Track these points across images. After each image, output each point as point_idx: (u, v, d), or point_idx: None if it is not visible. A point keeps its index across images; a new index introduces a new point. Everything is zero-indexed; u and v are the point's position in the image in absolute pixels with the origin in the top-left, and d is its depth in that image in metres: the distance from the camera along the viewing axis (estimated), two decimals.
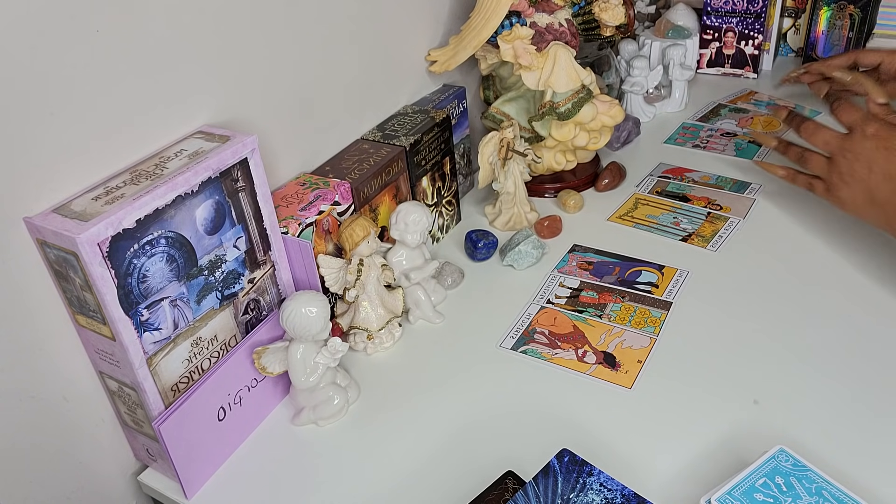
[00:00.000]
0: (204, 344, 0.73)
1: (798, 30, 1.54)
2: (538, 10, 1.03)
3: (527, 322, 0.90)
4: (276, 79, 0.85)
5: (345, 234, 0.83)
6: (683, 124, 1.34)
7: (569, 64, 1.02)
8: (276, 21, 0.83)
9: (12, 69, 0.58)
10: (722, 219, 1.06)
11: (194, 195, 0.68)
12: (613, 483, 0.61)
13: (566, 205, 1.10)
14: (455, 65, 1.07)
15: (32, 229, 0.62)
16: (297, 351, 0.75)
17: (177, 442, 0.69)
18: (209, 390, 0.72)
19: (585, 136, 1.08)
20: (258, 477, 0.74)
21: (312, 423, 0.79)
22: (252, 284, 0.78)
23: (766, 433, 0.72)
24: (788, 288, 0.91)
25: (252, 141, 0.72)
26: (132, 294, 0.64)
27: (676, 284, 0.94)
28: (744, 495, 0.60)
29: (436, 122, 1.00)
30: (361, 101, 0.99)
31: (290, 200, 0.84)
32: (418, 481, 0.72)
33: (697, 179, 1.16)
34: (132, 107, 0.69)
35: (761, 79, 1.49)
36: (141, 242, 0.64)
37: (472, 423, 0.77)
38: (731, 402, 0.76)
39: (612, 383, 0.80)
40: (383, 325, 0.87)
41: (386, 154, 0.93)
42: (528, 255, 0.98)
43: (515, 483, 0.68)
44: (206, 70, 0.76)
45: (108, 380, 0.70)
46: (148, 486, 0.75)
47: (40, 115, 0.61)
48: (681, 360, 0.82)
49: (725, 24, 1.46)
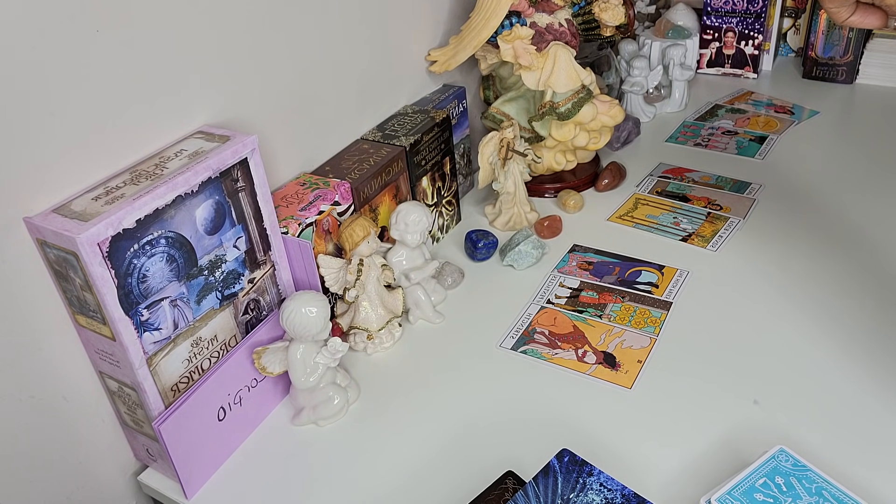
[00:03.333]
0: (204, 344, 0.73)
1: (798, 30, 1.54)
2: (538, 10, 1.03)
3: (527, 322, 0.90)
4: (276, 79, 0.85)
5: (345, 234, 0.83)
6: (684, 123, 1.34)
7: (569, 64, 1.02)
8: (276, 21, 0.83)
9: (12, 69, 0.58)
10: (722, 219, 1.06)
11: (194, 195, 0.68)
12: (613, 483, 0.61)
13: (566, 205, 1.10)
14: (455, 65, 1.07)
15: (32, 229, 0.62)
16: (297, 351, 0.75)
17: (177, 442, 0.69)
18: (209, 390, 0.72)
19: (585, 136, 1.08)
20: (258, 477, 0.74)
21: (312, 423, 0.79)
22: (252, 284, 0.78)
23: (766, 433, 0.72)
24: (788, 288, 0.91)
25: (252, 141, 0.72)
26: (132, 294, 0.64)
27: (676, 284, 0.94)
28: (744, 495, 0.60)
29: (436, 122, 1.00)
30: (361, 101, 0.99)
31: (290, 200, 0.84)
32: (418, 481, 0.72)
33: (697, 179, 1.16)
34: (132, 107, 0.69)
35: (761, 79, 1.49)
36: (141, 242, 0.64)
37: (472, 423, 0.77)
38: (731, 402, 0.76)
39: (612, 383, 0.80)
40: (383, 325, 0.87)
41: (386, 154, 0.93)
42: (528, 255, 0.98)
43: (515, 483, 0.68)
44: (206, 70, 0.76)
45: (108, 380, 0.70)
46: (148, 486, 0.75)
47: (40, 115, 0.61)
48: (681, 361, 0.82)
49: (725, 24, 1.47)
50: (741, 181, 1.14)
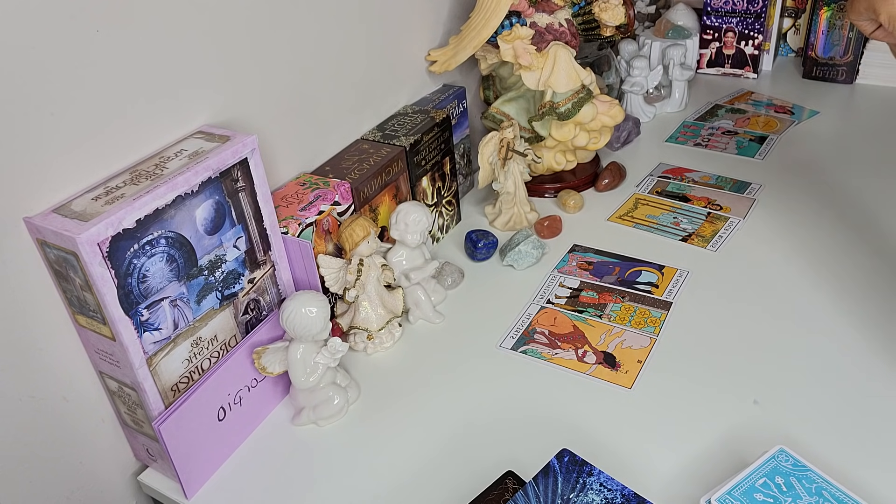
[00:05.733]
0: (204, 344, 0.73)
1: (798, 30, 1.54)
2: (538, 10, 1.03)
3: (527, 322, 0.90)
4: (276, 79, 0.85)
5: (345, 234, 0.83)
6: (684, 123, 1.34)
7: (569, 64, 1.02)
8: (275, 21, 0.83)
9: (12, 69, 0.58)
10: (722, 219, 1.06)
11: (194, 195, 0.68)
12: (613, 483, 0.61)
13: (566, 205, 1.10)
14: (455, 65, 1.07)
15: (32, 229, 0.62)
16: (297, 351, 0.75)
17: (177, 442, 0.69)
18: (209, 390, 0.72)
19: (585, 136, 1.08)
20: (258, 477, 0.74)
21: (312, 423, 0.79)
22: (252, 284, 0.78)
23: (766, 433, 0.72)
24: (788, 288, 0.91)
25: (252, 141, 0.72)
26: (132, 294, 0.64)
27: (676, 284, 0.94)
28: (744, 495, 0.60)
29: (436, 122, 1.00)
30: (361, 101, 0.99)
31: (290, 200, 0.84)
32: (418, 481, 0.72)
33: (697, 179, 1.16)
34: (132, 107, 0.69)
35: (761, 79, 1.49)
36: (141, 242, 0.64)
37: (472, 423, 0.77)
38: (732, 402, 0.76)
39: (612, 383, 0.80)
40: (383, 325, 0.87)
41: (386, 154, 0.93)
42: (528, 255, 0.98)
43: (515, 483, 0.68)
44: (207, 70, 0.76)
45: (108, 380, 0.70)
46: (148, 486, 0.75)
47: (40, 115, 0.61)
48: (681, 361, 0.82)
49: (725, 24, 1.46)
50: (741, 181, 1.14)
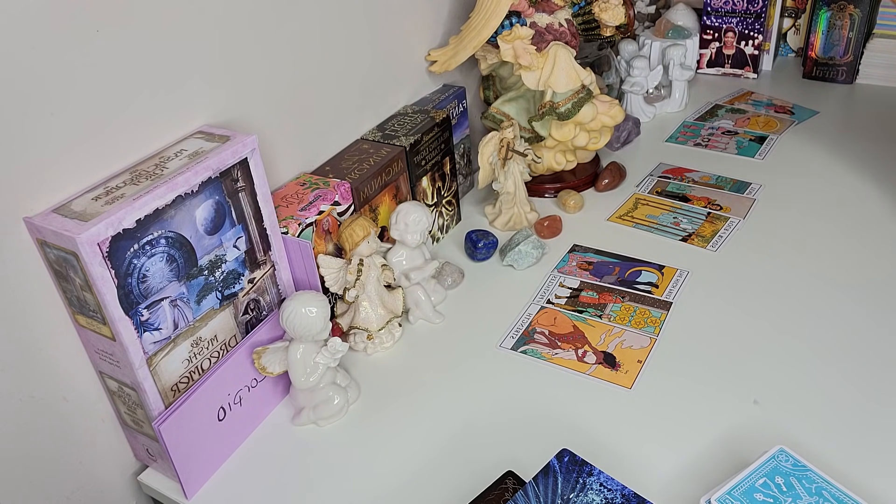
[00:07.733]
0: (204, 344, 0.73)
1: (798, 30, 1.54)
2: (538, 10, 1.03)
3: (527, 322, 0.90)
4: (276, 79, 0.85)
5: (345, 234, 0.83)
6: (684, 123, 1.34)
7: (569, 64, 1.02)
8: (275, 21, 0.83)
9: (12, 69, 0.58)
10: (722, 219, 1.06)
11: (194, 195, 0.68)
12: (613, 483, 0.61)
13: (566, 205, 1.10)
14: (455, 65, 1.07)
15: (32, 229, 0.62)
16: (297, 351, 0.75)
17: (177, 442, 0.69)
18: (209, 390, 0.72)
19: (585, 136, 1.08)
20: (258, 477, 0.74)
21: (312, 423, 0.79)
22: (252, 284, 0.78)
23: (766, 433, 0.72)
24: (788, 288, 0.91)
25: (252, 141, 0.72)
26: (132, 294, 0.64)
27: (676, 284, 0.94)
28: (744, 495, 0.60)
29: (436, 122, 1.00)
30: (361, 101, 0.99)
31: (290, 200, 0.84)
32: (418, 481, 0.72)
33: (697, 179, 1.16)
34: (132, 107, 0.69)
35: (761, 79, 1.49)
36: (141, 242, 0.64)
37: (472, 423, 0.77)
38: (731, 402, 0.76)
39: (612, 383, 0.80)
40: (383, 325, 0.87)
41: (386, 154, 0.93)
42: (528, 255, 0.98)
43: (515, 483, 0.68)
44: (207, 70, 0.76)
45: (108, 380, 0.70)
46: (148, 486, 0.75)
47: (40, 115, 0.61)
48: (681, 361, 0.82)
49: (725, 24, 1.46)
50: (741, 181, 1.14)
